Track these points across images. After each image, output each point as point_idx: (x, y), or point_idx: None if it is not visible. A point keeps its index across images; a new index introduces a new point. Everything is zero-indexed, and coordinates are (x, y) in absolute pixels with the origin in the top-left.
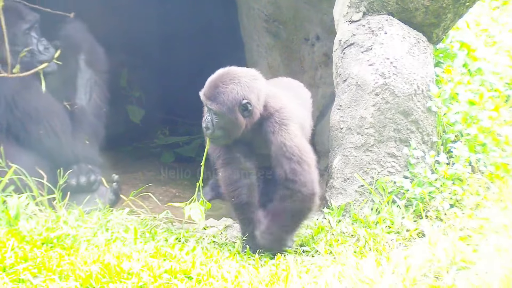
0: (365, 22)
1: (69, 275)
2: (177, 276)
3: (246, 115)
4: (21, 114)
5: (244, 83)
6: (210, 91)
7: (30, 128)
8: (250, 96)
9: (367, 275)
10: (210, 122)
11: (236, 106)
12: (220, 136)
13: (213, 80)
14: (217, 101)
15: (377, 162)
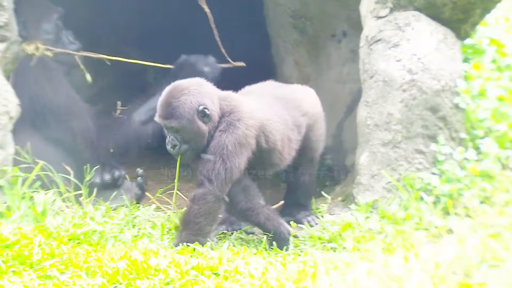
0: (392, 18)
1: (96, 272)
2: (204, 273)
3: (206, 121)
4: (44, 109)
5: (194, 91)
6: (164, 111)
7: (52, 124)
8: (205, 101)
9: (395, 272)
10: (174, 140)
11: (194, 115)
12: (187, 150)
13: (163, 99)
14: (174, 117)
15: (404, 159)
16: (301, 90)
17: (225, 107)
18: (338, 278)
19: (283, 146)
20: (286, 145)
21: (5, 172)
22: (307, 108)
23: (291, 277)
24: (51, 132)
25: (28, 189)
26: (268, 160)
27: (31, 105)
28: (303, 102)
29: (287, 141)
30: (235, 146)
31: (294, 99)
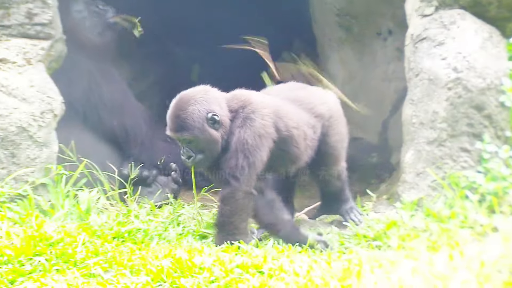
0: (437, 16)
1: (140, 270)
2: (249, 271)
3: (217, 127)
4: (97, 102)
5: (200, 99)
6: (174, 124)
7: (104, 117)
8: (213, 108)
9: (440, 270)
10: (189, 151)
11: (204, 123)
12: (202, 159)
13: (171, 113)
14: (185, 128)
15: (449, 157)
16: (318, 93)
17: (234, 105)
18: (383, 276)
19: (299, 136)
20: (302, 138)
21: (49, 170)
22: (322, 111)
23: (336, 275)
24: (103, 125)
25: (72, 187)
26: (286, 152)
27: (85, 98)
28: (318, 105)
29: (302, 133)
30: (255, 139)
31: (308, 102)
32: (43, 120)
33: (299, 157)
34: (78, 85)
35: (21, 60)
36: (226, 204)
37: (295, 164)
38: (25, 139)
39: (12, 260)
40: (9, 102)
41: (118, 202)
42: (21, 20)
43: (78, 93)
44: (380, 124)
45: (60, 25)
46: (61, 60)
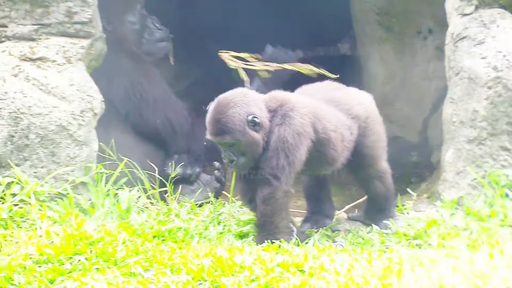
0: (477, 16)
1: (181, 269)
2: (289, 269)
3: (257, 129)
4: (139, 102)
5: (240, 102)
6: (215, 128)
7: (146, 115)
8: (253, 110)
9: (480, 269)
10: (231, 155)
11: (245, 126)
12: (245, 162)
13: (211, 118)
14: (227, 132)
15: (489, 156)
16: (354, 93)
17: (273, 104)
18: (423, 274)
19: (336, 138)
20: (339, 140)
21: (89, 168)
22: (358, 112)
23: (376, 273)
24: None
25: (113, 186)
26: (323, 154)
27: (126, 97)
28: (354, 106)
29: (340, 135)
30: (295, 138)
31: (345, 103)
32: (83, 118)
33: (336, 159)
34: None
35: (61, 59)
36: (267, 204)
37: (331, 166)
38: (65, 137)
39: (52, 259)
40: (49, 100)
41: (158, 201)
42: (61, 18)
43: (119, 94)
44: (421, 123)
45: (100, 24)
46: (101, 59)
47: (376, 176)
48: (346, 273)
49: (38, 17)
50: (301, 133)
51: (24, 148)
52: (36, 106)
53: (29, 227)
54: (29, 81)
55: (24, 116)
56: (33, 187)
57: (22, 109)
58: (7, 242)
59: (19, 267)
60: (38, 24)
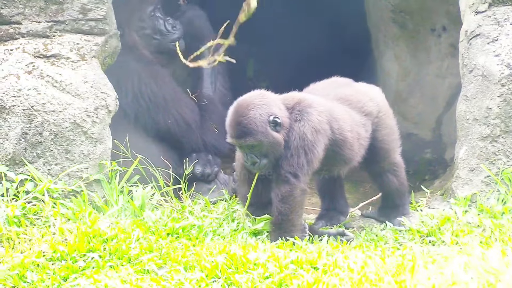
0: (491, 13)
1: (195, 266)
2: (303, 267)
3: (278, 130)
4: (148, 104)
5: (259, 103)
6: (237, 130)
7: (158, 117)
8: (273, 110)
9: (492, 265)
10: (253, 157)
11: (267, 127)
12: (267, 163)
13: (232, 120)
14: (249, 134)
15: (503, 153)
16: (364, 89)
17: (290, 102)
18: (436, 271)
19: (352, 138)
20: (356, 139)
21: (103, 166)
22: (371, 109)
23: (390, 270)
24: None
25: (127, 183)
26: (340, 155)
27: (135, 101)
28: (366, 103)
29: (356, 134)
30: (313, 134)
31: (357, 100)
32: (97, 116)
33: (353, 158)
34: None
35: (75, 56)
36: (285, 202)
37: (348, 165)
38: (78, 135)
39: (65, 256)
40: (63, 97)
41: (172, 198)
42: (75, 15)
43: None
44: (434, 120)
45: (114, 21)
46: (115, 56)
47: (390, 170)
48: (359, 270)
49: (52, 14)
50: (318, 130)
51: (38, 146)
52: (50, 103)
53: (42, 224)
54: (43, 78)
55: (38, 113)
56: (47, 185)
57: (36, 106)
58: (21, 240)
59: (32, 265)
60: (52, 21)
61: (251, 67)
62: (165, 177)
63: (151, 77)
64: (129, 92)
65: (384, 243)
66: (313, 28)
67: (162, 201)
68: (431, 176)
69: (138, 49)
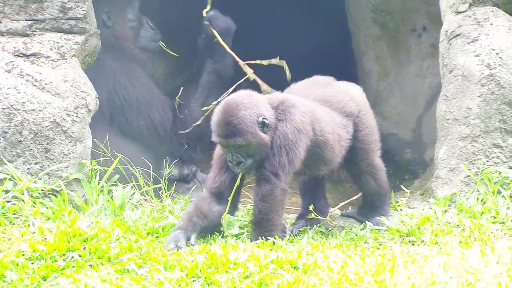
0: (471, 13)
1: (175, 265)
2: (283, 266)
3: (266, 130)
4: (122, 103)
5: (248, 103)
6: (226, 130)
7: (131, 117)
8: (262, 111)
9: (472, 265)
10: (239, 156)
11: (256, 127)
12: (252, 164)
13: (221, 120)
14: (239, 134)
15: (482, 153)
16: (345, 89)
17: (274, 102)
18: (416, 271)
19: (334, 140)
20: (337, 141)
21: (83, 165)
22: (351, 109)
23: (369, 270)
24: (131, 126)
25: (106, 183)
26: (321, 156)
27: (110, 100)
28: (347, 103)
29: (337, 136)
30: (295, 134)
31: (337, 101)
32: (77, 115)
33: (334, 160)
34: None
35: (55, 55)
36: (266, 201)
37: (329, 166)
38: (58, 134)
39: (45, 255)
40: (43, 96)
41: (152, 197)
42: (55, 14)
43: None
44: (414, 120)
45: (95, 20)
46: (95, 55)
47: (368, 172)
48: (339, 269)
49: (32, 13)
50: (301, 130)
51: (17, 145)
52: (29, 102)
53: (22, 223)
54: (23, 77)
55: (18, 112)
56: (26, 184)
57: (15, 105)
58: (0, 239)
59: (11, 264)
60: (32, 20)
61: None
62: (145, 177)
63: (126, 75)
64: (104, 90)
65: (364, 242)
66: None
67: (142, 201)
68: (411, 176)
69: (126, 42)
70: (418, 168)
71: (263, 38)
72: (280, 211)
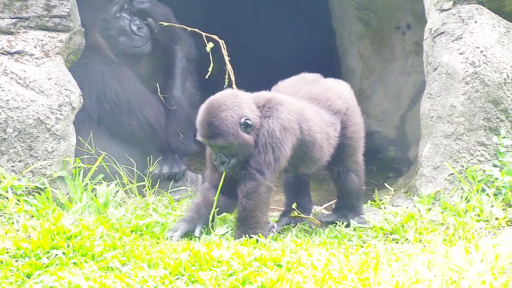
0: (456, 11)
1: (158, 263)
2: (267, 264)
3: (249, 131)
4: (112, 106)
5: (231, 104)
6: (207, 131)
7: (122, 119)
8: (245, 112)
9: (456, 263)
10: (222, 156)
11: (238, 129)
12: (236, 163)
13: (204, 120)
14: (220, 135)
15: (467, 151)
16: (332, 86)
17: (261, 101)
18: (400, 269)
19: (322, 139)
20: (325, 139)
21: (67, 163)
22: (339, 107)
23: (353, 268)
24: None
25: (91, 181)
26: (309, 155)
27: (99, 104)
28: (335, 101)
29: (325, 135)
30: (281, 132)
31: (325, 99)
32: (61, 113)
33: (322, 159)
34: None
35: (39, 53)
36: (250, 198)
37: (317, 164)
38: (42, 132)
39: (29, 253)
40: (27, 94)
41: (136, 195)
42: (39, 12)
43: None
44: (398, 118)
45: (79, 18)
46: (79, 53)
47: (353, 169)
48: (323, 267)
49: (17, 11)
50: (287, 129)
51: (1, 142)
52: (13, 100)
53: (6, 221)
54: (7, 75)
55: (2, 110)
56: (10, 181)
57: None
58: None
59: None
60: (16, 18)
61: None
62: (129, 175)
63: (115, 79)
64: (92, 94)
65: (347, 240)
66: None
67: (126, 199)
68: (395, 174)
69: (102, 51)
70: (402, 166)
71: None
72: (265, 209)
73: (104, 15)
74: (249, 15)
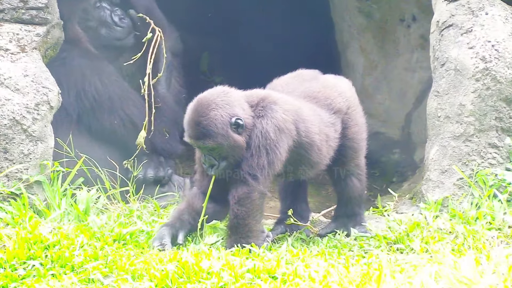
0: (465, 2)
1: (143, 275)
2: (261, 276)
3: (241, 131)
4: (93, 104)
5: (221, 103)
6: (195, 131)
7: (102, 118)
8: (236, 111)
9: (465, 275)
10: (211, 159)
11: (228, 129)
12: (226, 166)
13: (191, 119)
14: (208, 135)
15: (477, 153)
16: (332, 83)
17: (254, 99)
18: (405, 281)
19: (321, 141)
20: (324, 141)
21: (45, 166)
22: (340, 105)
23: (354, 280)
24: (102, 127)
25: (70, 186)
26: (306, 159)
27: (79, 101)
28: (335, 99)
29: (324, 136)
30: (276, 133)
31: (324, 97)
32: (38, 112)
33: (321, 162)
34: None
35: (14, 47)
36: (242, 205)
37: (315, 168)
38: (18, 133)
39: (4, 264)
40: (1, 93)
41: (119, 201)
42: (14, 3)
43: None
44: (403, 117)
45: (57, 10)
46: (57, 48)
47: (354, 173)
48: (321, 279)
49: None
50: (282, 129)
51: None
52: None
53: None
54: None
55: None
56: None
57: None
58: None
59: None
60: None
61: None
62: (112, 180)
63: (96, 74)
64: (71, 90)
65: (348, 250)
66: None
67: (108, 205)
68: (399, 178)
69: (82, 43)
70: (407, 169)
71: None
72: (258, 216)
73: (83, 5)
74: (242, 7)
